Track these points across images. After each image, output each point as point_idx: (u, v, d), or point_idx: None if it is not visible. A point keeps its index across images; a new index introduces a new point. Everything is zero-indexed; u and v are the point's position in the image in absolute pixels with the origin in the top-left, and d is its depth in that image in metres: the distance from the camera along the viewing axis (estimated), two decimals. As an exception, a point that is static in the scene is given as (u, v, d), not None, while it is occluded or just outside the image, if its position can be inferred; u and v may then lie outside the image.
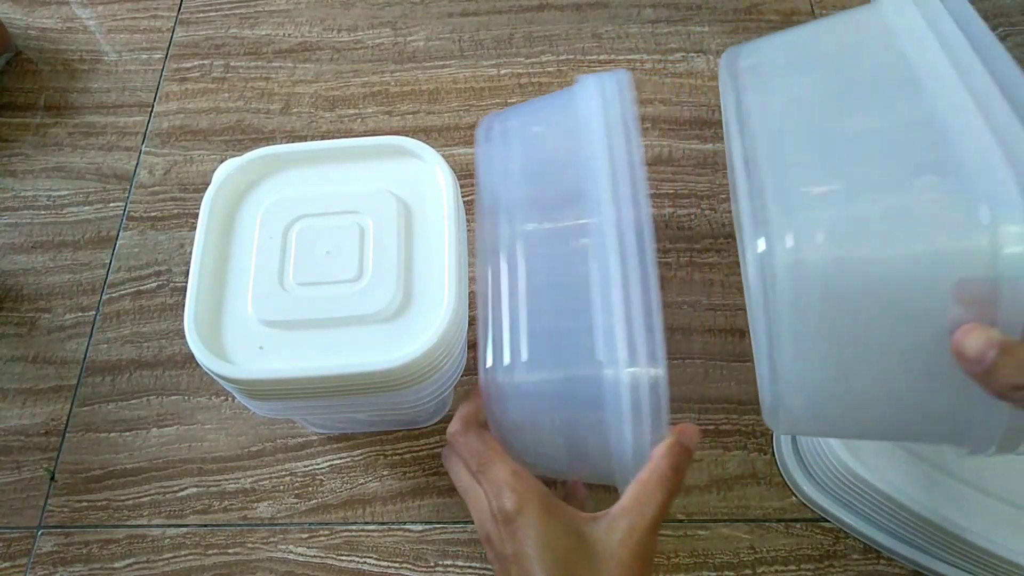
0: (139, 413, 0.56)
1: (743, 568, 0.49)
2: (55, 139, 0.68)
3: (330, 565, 0.50)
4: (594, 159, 0.40)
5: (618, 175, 0.39)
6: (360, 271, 0.42)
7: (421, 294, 0.41)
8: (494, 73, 0.70)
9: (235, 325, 0.41)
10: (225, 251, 0.43)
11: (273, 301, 0.41)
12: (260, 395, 0.41)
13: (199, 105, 0.69)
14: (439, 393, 0.43)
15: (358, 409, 0.47)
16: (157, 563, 0.51)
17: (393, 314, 0.41)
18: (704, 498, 0.51)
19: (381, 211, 0.43)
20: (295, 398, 0.41)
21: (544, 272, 0.39)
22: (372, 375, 0.39)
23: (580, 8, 0.73)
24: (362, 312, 0.40)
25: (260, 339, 0.41)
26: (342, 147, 0.46)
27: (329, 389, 0.40)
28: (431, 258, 0.42)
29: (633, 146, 0.39)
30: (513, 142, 0.45)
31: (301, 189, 0.45)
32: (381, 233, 0.43)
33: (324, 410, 0.45)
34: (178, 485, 0.53)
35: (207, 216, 0.43)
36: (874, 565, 0.49)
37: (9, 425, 0.56)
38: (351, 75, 0.70)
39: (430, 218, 0.44)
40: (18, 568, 0.51)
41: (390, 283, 0.41)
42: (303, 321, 0.41)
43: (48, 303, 0.60)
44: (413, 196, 0.44)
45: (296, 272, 0.42)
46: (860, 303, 0.29)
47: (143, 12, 0.75)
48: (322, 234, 0.43)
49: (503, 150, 0.45)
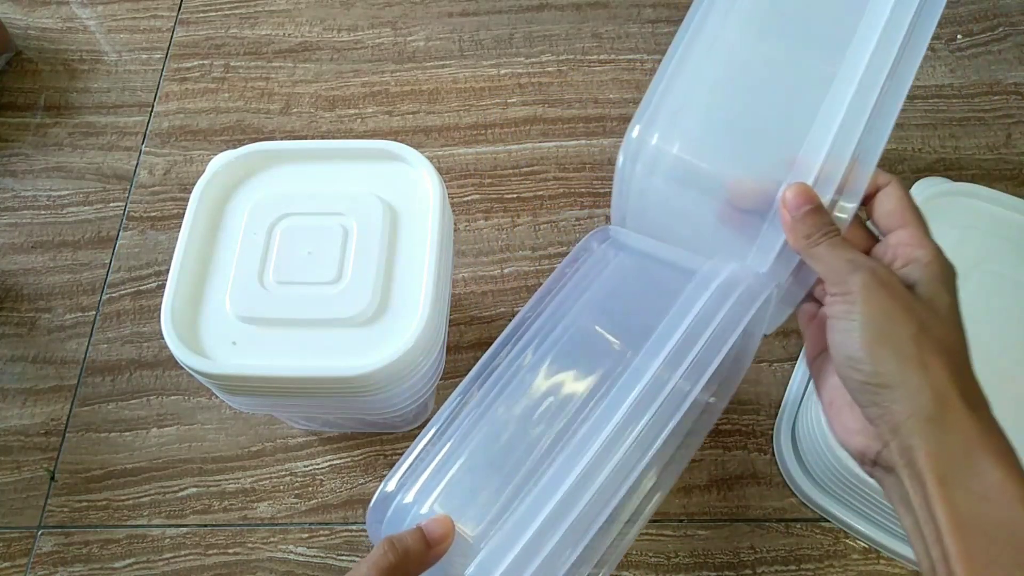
0: (139, 413, 0.56)
1: (743, 568, 0.49)
2: (55, 139, 0.68)
3: (330, 565, 0.50)
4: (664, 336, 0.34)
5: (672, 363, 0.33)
6: (339, 274, 0.42)
7: (398, 300, 0.41)
8: (494, 73, 0.70)
9: (212, 320, 0.41)
10: (211, 244, 0.44)
11: (251, 298, 0.41)
12: (232, 390, 0.41)
13: (199, 105, 0.69)
14: (412, 400, 0.43)
15: (330, 410, 0.47)
16: (157, 563, 0.51)
17: (368, 319, 0.41)
18: (704, 498, 0.51)
19: (366, 214, 0.43)
20: (267, 395, 0.42)
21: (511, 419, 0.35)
22: (340, 380, 0.39)
23: (580, 8, 0.73)
24: (338, 315, 0.40)
25: (235, 335, 0.41)
26: (334, 148, 0.46)
27: (299, 390, 0.40)
28: (412, 264, 0.42)
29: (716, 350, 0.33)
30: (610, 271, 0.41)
31: (290, 187, 0.45)
32: (364, 236, 0.43)
33: (298, 409, 0.45)
34: (178, 485, 0.53)
35: (195, 207, 0.44)
36: (874, 565, 0.49)
37: (9, 425, 0.56)
38: (351, 75, 0.70)
39: (415, 223, 0.44)
40: (18, 568, 0.51)
41: (367, 287, 0.41)
42: (279, 320, 0.41)
43: (48, 303, 0.60)
44: (400, 200, 0.44)
45: (276, 270, 0.42)
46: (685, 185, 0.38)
47: (143, 12, 0.75)
48: (306, 234, 0.43)
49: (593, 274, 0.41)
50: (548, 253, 0.61)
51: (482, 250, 0.61)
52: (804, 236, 0.33)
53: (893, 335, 0.30)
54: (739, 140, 0.38)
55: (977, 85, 0.67)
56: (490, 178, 0.64)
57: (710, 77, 0.38)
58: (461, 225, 0.62)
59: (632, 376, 0.33)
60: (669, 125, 0.38)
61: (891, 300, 0.30)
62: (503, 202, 0.63)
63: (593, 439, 0.31)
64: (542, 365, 0.36)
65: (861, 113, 0.34)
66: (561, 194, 0.63)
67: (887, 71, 0.35)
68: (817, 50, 0.38)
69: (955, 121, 0.65)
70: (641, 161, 0.38)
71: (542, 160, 0.65)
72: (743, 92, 0.39)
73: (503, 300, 0.59)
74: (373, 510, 0.35)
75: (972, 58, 0.69)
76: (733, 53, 0.39)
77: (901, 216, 0.33)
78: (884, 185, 0.34)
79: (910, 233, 0.33)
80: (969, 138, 0.64)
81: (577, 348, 0.37)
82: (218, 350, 0.40)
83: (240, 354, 0.40)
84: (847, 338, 0.31)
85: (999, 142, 0.64)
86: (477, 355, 0.56)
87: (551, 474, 0.32)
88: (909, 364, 0.29)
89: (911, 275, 0.32)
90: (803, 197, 0.33)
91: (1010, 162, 0.63)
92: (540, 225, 0.62)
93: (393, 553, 0.31)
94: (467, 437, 0.35)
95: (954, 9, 0.71)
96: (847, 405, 0.33)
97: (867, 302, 0.30)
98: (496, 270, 0.60)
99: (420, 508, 0.34)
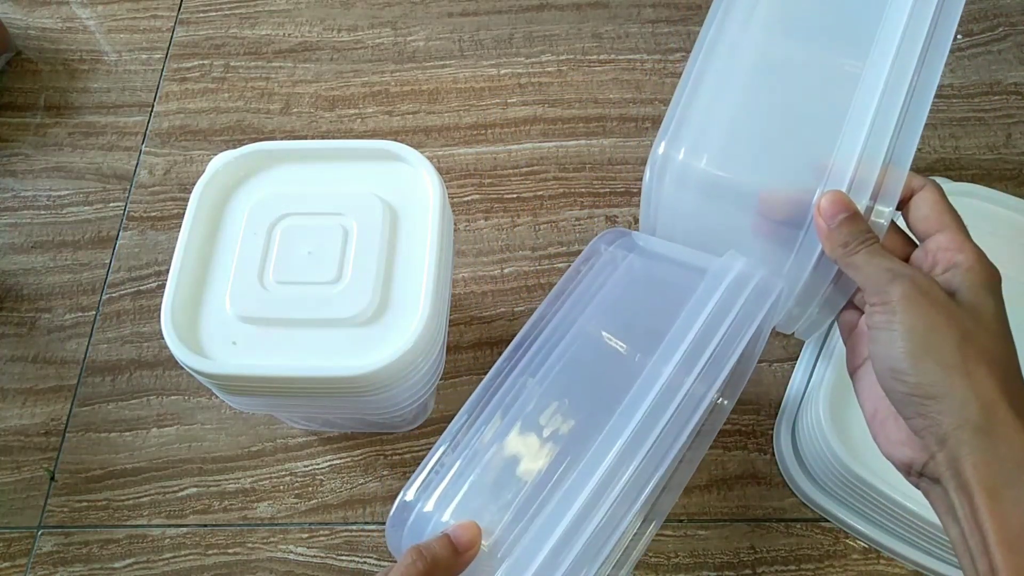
0: (139, 413, 0.56)
1: (743, 568, 0.49)
2: (55, 139, 0.68)
3: (330, 565, 0.50)
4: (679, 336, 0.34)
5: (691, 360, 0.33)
6: (339, 274, 0.42)
7: (398, 300, 0.41)
8: (494, 73, 0.70)
9: (212, 319, 0.41)
10: (211, 244, 0.44)
11: (251, 297, 0.41)
12: (232, 390, 0.41)
13: (199, 105, 0.69)
14: (412, 401, 0.43)
15: (330, 411, 0.47)
16: (157, 563, 0.51)
17: (368, 319, 0.41)
18: (704, 498, 0.51)
19: (366, 214, 0.43)
20: (267, 395, 0.42)
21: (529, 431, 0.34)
22: (340, 380, 0.39)
23: (580, 8, 0.73)
24: (337, 315, 0.40)
25: (235, 335, 0.41)
26: (334, 148, 0.46)
27: (299, 389, 0.40)
28: (412, 264, 0.42)
29: (732, 348, 0.34)
30: (619, 275, 0.40)
31: (291, 187, 0.45)
32: (364, 236, 0.43)
33: (298, 409, 0.45)
34: (178, 485, 0.53)
35: (195, 207, 0.44)
36: (874, 565, 0.49)
37: (9, 425, 0.56)
38: (351, 75, 0.70)
39: (415, 223, 0.44)
40: (18, 568, 0.51)
41: (367, 287, 0.41)
42: (279, 320, 0.41)
43: (48, 303, 0.60)
44: (400, 200, 0.44)
45: (276, 270, 0.42)
46: (715, 199, 0.38)
47: (143, 12, 0.75)
48: (306, 234, 0.43)
49: (603, 277, 0.40)
50: (548, 253, 0.61)
51: (482, 250, 0.61)
52: (841, 244, 0.32)
53: (936, 345, 0.29)
54: (767, 149, 0.38)
55: (977, 85, 0.67)
56: (490, 178, 0.64)
57: (733, 85, 0.38)
58: (461, 225, 0.62)
59: (646, 382, 0.33)
60: (695, 139, 0.37)
61: (932, 309, 0.30)
62: (503, 202, 0.63)
63: (609, 447, 0.31)
64: (550, 375, 0.36)
65: (891, 115, 0.34)
66: (561, 194, 0.63)
67: (913, 69, 0.34)
68: (839, 51, 0.37)
69: (955, 121, 0.65)
70: (669, 177, 0.38)
71: (542, 160, 0.65)
72: (767, 99, 0.38)
73: (503, 300, 0.59)
74: (393, 519, 0.35)
75: (972, 58, 0.69)
76: (754, 59, 0.38)
77: (939, 220, 0.32)
78: (919, 188, 0.33)
79: (949, 237, 0.32)
80: (969, 138, 0.64)
81: (587, 355, 0.37)
82: (218, 350, 0.40)
83: (240, 354, 0.40)
84: (889, 349, 0.30)
85: (999, 142, 0.64)
86: (477, 355, 0.57)
87: (571, 482, 0.32)
88: (954, 374, 0.28)
89: (952, 281, 0.31)
90: (839, 205, 0.32)
91: (1010, 162, 0.63)
92: (540, 225, 0.62)
93: (422, 562, 0.30)
94: (482, 448, 0.35)
95: (954, 9, 0.71)
96: (891, 416, 0.32)
97: (907, 312, 0.30)
98: (496, 270, 0.60)
99: (441, 516, 0.34)
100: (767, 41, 0.39)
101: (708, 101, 0.37)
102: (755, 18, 0.39)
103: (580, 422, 0.34)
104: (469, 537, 0.32)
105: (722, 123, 0.37)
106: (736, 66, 0.38)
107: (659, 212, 0.40)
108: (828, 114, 0.35)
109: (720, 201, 0.38)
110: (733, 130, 0.37)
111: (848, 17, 0.38)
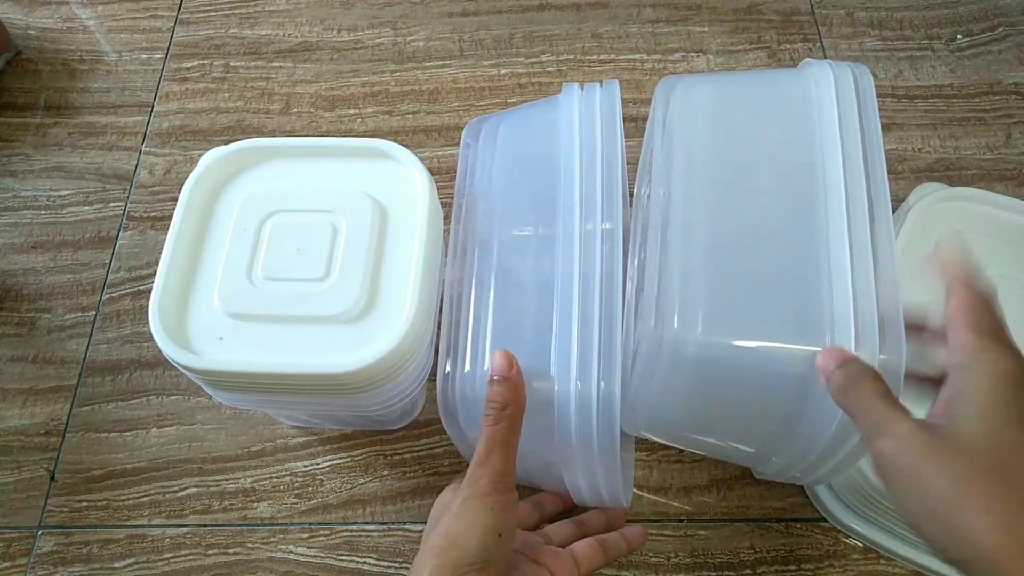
0: (139, 413, 0.56)
1: (743, 568, 0.49)
2: (55, 139, 0.68)
3: (330, 565, 0.50)
4: (567, 168, 0.42)
5: (587, 184, 0.41)
6: (327, 271, 0.42)
7: (386, 298, 0.41)
8: (494, 73, 0.70)
9: (200, 315, 0.41)
10: (200, 239, 0.44)
11: (239, 294, 0.41)
12: (220, 386, 0.42)
13: (199, 105, 0.69)
14: (400, 398, 0.43)
15: (318, 407, 0.47)
16: (157, 563, 0.51)
17: (356, 316, 0.41)
18: (704, 498, 0.51)
19: (356, 212, 0.43)
20: (253, 391, 0.42)
21: (510, 278, 0.42)
22: (327, 377, 0.39)
23: (580, 8, 0.73)
24: (325, 312, 0.40)
25: (223, 330, 0.41)
26: (325, 145, 0.47)
27: (285, 386, 0.40)
28: (400, 262, 0.42)
29: (611, 153, 0.41)
30: (496, 146, 0.46)
31: (281, 184, 0.45)
32: (353, 234, 0.43)
33: (286, 405, 0.45)
34: (178, 485, 0.53)
35: (185, 202, 0.44)
36: (874, 565, 0.49)
37: (9, 425, 0.56)
38: (351, 75, 0.70)
39: (404, 221, 0.44)
40: (18, 568, 0.51)
41: (355, 285, 0.41)
42: (266, 316, 0.41)
43: (48, 303, 0.60)
44: (390, 198, 0.45)
45: (265, 266, 0.42)
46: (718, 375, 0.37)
47: (143, 12, 0.75)
48: (295, 230, 0.43)
49: (486, 154, 0.46)
50: (548, 253, 0.61)
51: (482, 250, 0.61)
52: (840, 392, 0.32)
53: (929, 508, 0.28)
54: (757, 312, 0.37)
55: (977, 85, 0.67)
56: (490, 178, 0.64)
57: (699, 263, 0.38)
58: (461, 225, 0.62)
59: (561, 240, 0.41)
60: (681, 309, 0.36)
61: (917, 463, 0.28)
62: (503, 202, 0.63)
63: None
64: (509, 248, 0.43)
65: (867, 273, 0.35)
66: (561, 194, 0.63)
67: (867, 216, 0.36)
68: (792, 202, 0.38)
69: (955, 121, 0.65)
70: (663, 358, 0.37)
71: (542, 160, 0.65)
72: (738, 266, 0.38)
73: (503, 300, 0.59)
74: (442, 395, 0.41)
75: (972, 58, 0.69)
76: (708, 231, 0.38)
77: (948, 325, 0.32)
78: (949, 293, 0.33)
79: (952, 338, 0.31)
80: (969, 138, 0.64)
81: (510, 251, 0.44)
82: (205, 345, 0.40)
83: (227, 349, 0.40)
84: (897, 508, 0.30)
85: (999, 142, 0.64)
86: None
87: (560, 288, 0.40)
88: (954, 534, 0.27)
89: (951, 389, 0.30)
90: (831, 356, 0.33)
91: (1010, 162, 0.63)
92: (540, 225, 0.62)
93: (496, 410, 0.36)
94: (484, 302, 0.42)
95: (954, 9, 0.71)
96: None
97: (893, 480, 0.29)
98: (496, 270, 0.60)
99: (483, 365, 0.40)
100: (717, 211, 0.39)
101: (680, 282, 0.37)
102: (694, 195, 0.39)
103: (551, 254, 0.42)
104: (505, 361, 0.37)
105: (703, 298, 0.37)
106: (694, 244, 0.38)
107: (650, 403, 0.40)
108: (804, 268, 0.36)
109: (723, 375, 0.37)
110: (718, 302, 0.37)
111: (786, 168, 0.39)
